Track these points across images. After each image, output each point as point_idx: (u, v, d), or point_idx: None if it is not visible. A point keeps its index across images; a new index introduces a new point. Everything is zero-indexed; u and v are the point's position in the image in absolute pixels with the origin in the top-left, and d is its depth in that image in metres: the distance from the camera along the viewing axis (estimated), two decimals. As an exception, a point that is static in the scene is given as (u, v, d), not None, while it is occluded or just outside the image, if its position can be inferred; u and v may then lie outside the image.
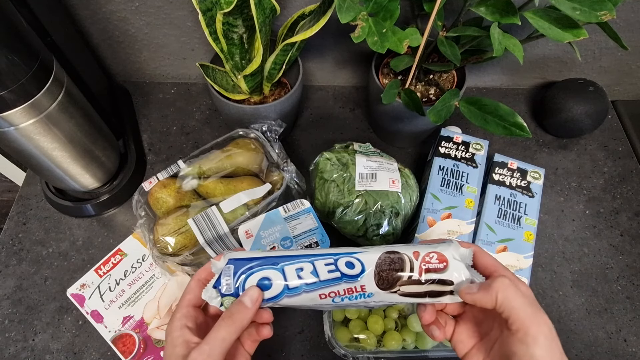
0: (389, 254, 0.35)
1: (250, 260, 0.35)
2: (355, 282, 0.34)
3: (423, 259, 0.34)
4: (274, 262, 0.35)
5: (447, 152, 0.65)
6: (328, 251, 0.36)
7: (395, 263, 0.34)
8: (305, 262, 0.35)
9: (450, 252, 0.35)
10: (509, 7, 0.48)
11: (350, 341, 0.50)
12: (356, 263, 0.34)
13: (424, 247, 0.35)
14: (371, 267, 0.34)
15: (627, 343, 0.60)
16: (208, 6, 0.55)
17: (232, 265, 0.35)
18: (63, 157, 0.57)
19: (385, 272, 0.34)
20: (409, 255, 0.35)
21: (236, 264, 0.35)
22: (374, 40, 0.51)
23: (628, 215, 0.71)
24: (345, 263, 0.35)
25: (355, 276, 0.34)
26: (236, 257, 0.35)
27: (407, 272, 0.34)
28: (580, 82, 0.74)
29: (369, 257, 0.35)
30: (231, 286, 0.34)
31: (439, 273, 0.34)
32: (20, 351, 0.57)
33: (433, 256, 0.34)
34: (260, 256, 0.36)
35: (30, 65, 0.47)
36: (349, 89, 0.84)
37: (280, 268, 0.35)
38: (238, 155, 0.60)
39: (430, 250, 0.35)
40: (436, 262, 0.34)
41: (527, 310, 0.30)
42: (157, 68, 0.80)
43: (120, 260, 0.63)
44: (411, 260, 0.34)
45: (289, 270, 0.35)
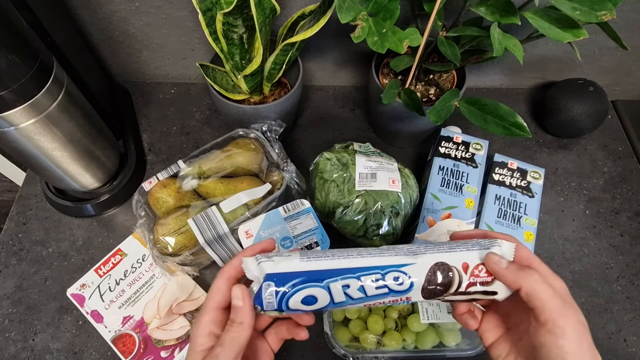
0: (438, 267, 0.34)
1: (292, 277, 0.33)
2: (402, 295, 0.34)
3: (472, 273, 0.34)
4: (318, 279, 0.34)
5: (447, 152, 0.65)
6: (374, 263, 0.34)
7: (444, 278, 0.34)
8: (351, 279, 0.34)
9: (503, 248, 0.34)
10: (509, 7, 0.48)
11: (350, 341, 0.50)
12: (404, 278, 0.34)
13: (473, 255, 0.34)
14: (420, 282, 0.34)
15: (627, 343, 0.60)
16: (208, 6, 0.55)
17: (273, 283, 0.33)
18: (63, 157, 0.57)
19: (433, 287, 0.34)
20: (458, 268, 0.34)
21: (276, 279, 0.33)
22: (374, 40, 0.51)
23: (628, 215, 0.71)
24: (393, 278, 0.34)
25: (404, 291, 0.34)
26: (275, 272, 0.33)
27: (455, 287, 0.34)
28: (580, 82, 0.74)
29: (418, 270, 0.34)
30: (273, 304, 0.33)
31: (486, 286, 0.34)
32: (20, 351, 0.57)
33: (482, 269, 0.34)
34: (302, 270, 0.34)
35: (30, 65, 0.47)
36: (349, 89, 0.84)
37: (325, 285, 0.33)
38: (238, 155, 0.60)
39: (480, 261, 0.34)
40: (484, 275, 0.34)
41: (556, 302, 0.30)
42: (157, 68, 0.80)
43: (120, 260, 0.63)
44: (460, 275, 0.34)
45: (335, 288, 0.33)
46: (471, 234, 0.37)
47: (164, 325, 0.59)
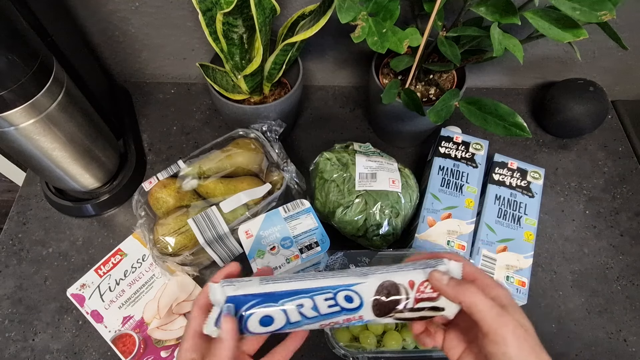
0: (386, 285, 0.36)
1: (250, 298, 0.35)
2: (354, 314, 0.36)
3: (418, 289, 0.36)
4: (275, 299, 0.35)
5: (447, 152, 0.65)
6: (327, 283, 0.36)
7: (392, 295, 0.36)
8: (305, 298, 0.35)
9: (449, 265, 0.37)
10: (509, 7, 0.48)
11: (350, 341, 0.50)
12: (355, 297, 0.36)
13: (419, 274, 0.36)
14: (369, 299, 0.36)
15: (627, 343, 0.60)
16: (208, 6, 0.55)
17: (232, 305, 0.35)
18: (63, 157, 0.57)
19: (382, 304, 0.36)
20: (405, 285, 0.36)
21: (236, 302, 0.35)
22: (374, 40, 0.51)
23: (628, 215, 0.71)
24: (344, 297, 0.36)
25: (355, 309, 0.36)
26: (236, 294, 0.35)
27: (403, 304, 0.36)
28: (580, 82, 0.74)
29: (367, 289, 0.36)
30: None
31: (432, 301, 0.36)
32: (20, 351, 0.57)
33: (427, 286, 0.36)
34: (260, 292, 0.36)
35: (30, 65, 0.47)
36: (349, 89, 0.84)
37: (280, 305, 0.35)
38: (238, 155, 0.60)
39: (425, 278, 0.36)
40: (430, 291, 0.36)
41: (493, 312, 0.31)
42: (157, 68, 0.80)
43: (120, 260, 0.63)
44: (407, 291, 0.36)
45: (290, 308, 0.35)
46: (423, 255, 0.39)
47: (164, 325, 0.59)
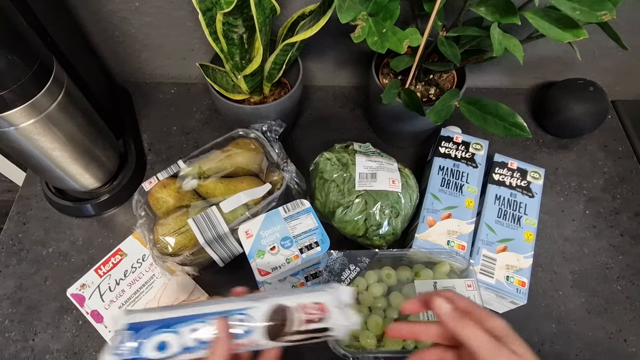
0: (276, 309, 0.38)
1: (147, 326, 0.37)
2: (246, 338, 0.37)
3: (305, 311, 0.38)
4: (170, 325, 0.37)
5: (447, 152, 0.65)
6: (221, 308, 0.38)
7: (281, 318, 0.38)
8: (199, 323, 0.37)
9: (329, 300, 0.39)
10: (509, 7, 0.48)
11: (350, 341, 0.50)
12: (247, 320, 0.38)
13: (309, 297, 0.39)
14: (262, 322, 0.37)
15: (627, 343, 0.60)
16: (208, 6, 0.55)
17: (132, 332, 0.36)
18: (63, 157, 0.57)
19: (272, 328, 0.37)
20: (295, 308, 0.38)
21: (135, 329, 0.37)
22: (374, 40, 0.51)
23: (628, 215, 0.71)
24: (238, 320, 0.37)
25: (246, 333, 0.37)
26: (135, 321, 0.37)
27: (292, 327, 0.37)
28: (580, 82, 0.74)
29: (258, 313, 0.38)
30: (132, 352, 0.36)
31: (319, 323, 0.38)
32: (20, 351, 0.57)
33: (314, 307, 0.38)
34: (158, 318, 0.37)
35: (30, 65, 0.47)
36: (349, 89, 0.84)
37: (175, 331, 0.36)
38: (238, 155, 0.60)
39: (312, 300, 0.38)
40: (317, 312, 0.38)
41: (489, 346, 0.33)
42: (157, 68, 0.80)
43: (120, 260, 0.63)
44: (296, 314, 0.38)
45: (184, 333, 0.36)
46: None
47: (164, 325, 0.59)
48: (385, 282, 0.54)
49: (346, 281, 0.52)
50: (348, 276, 0.52)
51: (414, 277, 0.54)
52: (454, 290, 0.39)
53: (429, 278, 0.53)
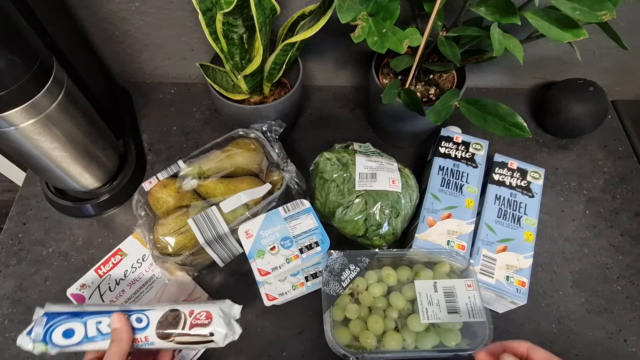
0: (171, 312, 0.45)
1: (60, 315, 0.44)
2: (141, 334, 0.44)
3: (194, 316, 0.45)
4: (80, 316, 0.44)
5: (447, 152, 0.65)
6: (125, 308, 0.45)
7: (173, 320, 0.44)
8: (104, 317, 0.44)
9: (217, 310, 0.45)
10: (509, 7, 0.48)
11: (350, 341, 0.50)
12: (144, 319, 0.44)
13: (199, 306, 0.46)
14: (155, 322, 0.44)
15: (627, 343, 0.60)
16: (208, 6, 0.55)
17: (46, 317, 0.43)
18: (63, 157, 0.57)
19: (164, 328, 0.44)
20: (185, 313, 0.45)
21: (49, 316, 0.43)
22: (374, 40, 0.51)
23: (628, 215, 0.71)
24: (136, 318, 0.44)
25: (142, 329, 0.44)
26: (51, 311, 0.44)
27: (180, 329, 0.44)
28: (580, 82, 0.74)
29: (155, 314, 0.45)
30: (40, 335, 0.42)
31: (204, 327, 0.44)
32: (20, 351, 0.57)
33: (202, 314, 0.45)
34: (71, 311, 0.44)
35: (30, 65, 0.47)
36: (349, 89, 0.84)
37: (83, 321, 0.43)
38: (238, 155, 0.60)
39: (202, 309, 0.45)
40: (203, 318, 0.45)
41: None
42: (157, 68, 0.80)
43: (120, 260, 0.63)
44: (185, 318, 0.45)
45: (90, 323, 0.43)
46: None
47: (164, 325, 0.59)
48: (385, 282, 0.54)
49: (346, 281, 0.52)
50: (348, 276, 0.52)
51: (414, 277, 0.54)
52: (529, 342, 0.40)
53: (429, 278, 0.53)
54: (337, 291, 0.51)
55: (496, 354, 0.40)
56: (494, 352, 0.41)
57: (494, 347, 0.42)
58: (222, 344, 0.45)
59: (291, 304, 0.60)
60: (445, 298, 0.50)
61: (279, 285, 0.57)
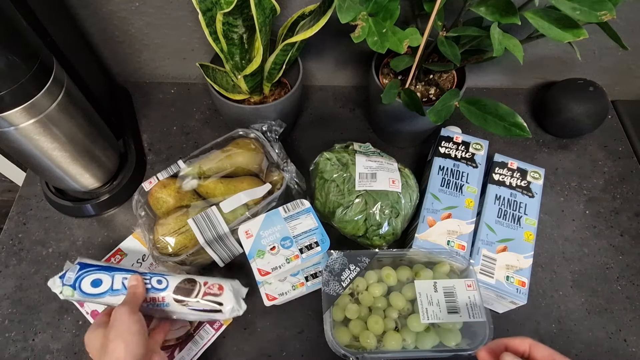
0: (187, 279, 0.51)
1: (92, 266, 0.50)
2: (159, 294, 0.50)
3: (208, 286, 0.51)
4: (109, 270, 0.50)
5: (447, 152, 0.65)
6: (149, 271, 0.51)
7: (189, 288, 0.50)
8: (130, 274, 0.49)
9: (229, 284, 0.52)
10: (509, 7, 0.48)
11: (350, 341, 0.50)
12: (164, 281, 0.50)
13: (213, 279, 0.52)
14: (173, 285, 0.50)
15: (627, 343, 0.60)
16: (208, 6, 0.55)
17: (79, 266, 0.49)
18: (63, 157, 0.57)
19: (180, 292, 0.50)
20: (201, 282, 0.51)
21: (82, 265, 0.49)
22: (374, 40, 0.51)
23: (628, 215, 0.71)
24: (157, 280, 0.50)
25: (161, 290, 0.50)
26: (84, 262, 0.50)
27: (194, 295, 0.50)
28: (580, 82, 0.74)
29: (174, 278, 0.51)
30: (71, 279, 0.48)
31: (215, 297, 0.51)
32: (20, 351, 0.57)
33: (215, 286, 0.51)
34: (101, 264, 0.50)
35: (30, 65, 0.47)
36: (349, 89, 0.84)
37: (111, 275, 0.49)
38: (238, 155, 0.60)
39: (215, 282, 0.52)
40: (216, 289, 0.51)
41: None
42: (157, 68, 0.80)
43: (120, 260, 0.63)
44: (200, 286, 0.51)
45: (117, 278, 0.49)
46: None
47: (164, 325, 0.59)
48: (385, 282, 0.54)
49: (346, 281, 0.52)
50: (348, 276, 0.52)
51: (414, 277, 0.54)
52: (531, 339, 0.40)
53: (429, 278, 0.53)
54: (337, 291, 0.51)
55: (497, 352, 0.40)
56: (496, 349, 0.41)
57: (496, 344, 0.41)
58: (228, 316, 0.51)
59: (291, 304, 0.60)
60: (445, 298, 0.50)
61: (279, 285, 0.57)
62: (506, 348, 0.40)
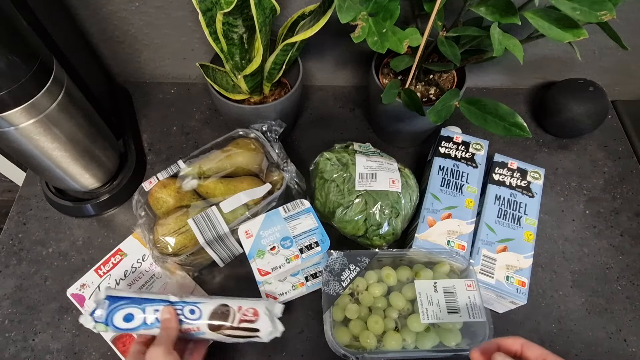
0: (222, 306, 0.48)
1: (121, 299, 0.47)
2: (194, 324, 0.47)
3: (242, 312, 0.48)
4: (139, 302, 0.47)
5: (447, 152, 0.65)
6: (183, 299, 0.48)
7: (223, 314, 0.48)
8: (161, 305, 0.47)
9: (263, 308, 0.49)
10: (509, 7, 0.48)
11: (350, 341, 0.50)
12: (197, 311, 0.48)
13: (247, 302, 0.49)
14: (207, 314, 0.48)
15: (627, 343, 0.60)
16: (208, 6, 0.55)
17: (108, 300, 0.47)
18: (63, 157, 0.57)
19: (215, 320, 0.48)
20: (234, 308, 0.49)
21: (111, 299, 0.47)
22: (374, 40, 0.51)
23: (628, 215, 0.71)
24: (189, 310, 0.48)
25: (195, 320, 0.47)
26: (113, 295, 0.47)
27: (229, 322, 0.48)
28: (580, 82, 0.74)
29: (207, 307, 0.48)
30: (103, 317, 0.46)
31: (251, 323, 0.48)
32: (20, 351, 0.57)
33: (250, 310, 0.49)
34: (130, 296, 0.48)
35: (30, 65, 0.47)
36: (349, 89, 0.84)
37: (142, 308, 0.47)
38: (238, 155, 0.60)
39: (249, 305, 0.49)
40: (251, 315, 0.48)
41: None
42: (157, 68, 0.80)
43: (121, 260, 0.63)
44: (234, 313, 0.48)
45: (149, 310, 0.47)
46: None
47: (164, 325, 0.59)
48: (385, 282, 0.54)
49: (346, 281, 0.52)
50: (348, 276, 0.52)
51: (414, 277, 0.54)
52: (523, 339, 0.40)
53: (429, 278, 0.53)
54: (337, 291, 0.51)
55: (490, 352, 0.40)
56: (488, 349, 0.41)
57: (488, 344, 0.41)
58: (267, 340, 0.49)
59: (291, 304, 0.60)
60: (445, 298, 0.50)
61: (279, 285, 0.57)
62: (499, 348, 0.40)
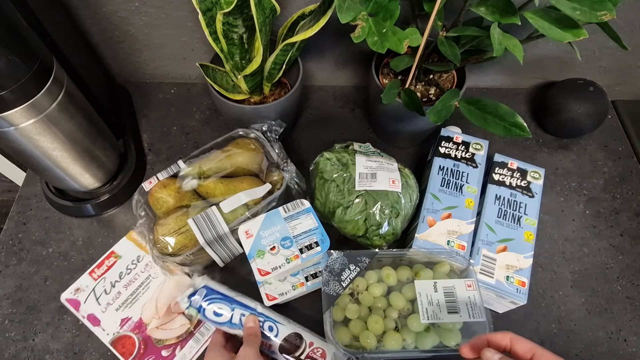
0: (296, 335, 0.51)
1: (218, 293, 0.51)
2: (269, 341, 0.50)
3: (312, 349, 0.51)
4: (231, 302, 0.51)
5: (447, 152, 0.65)
6: (265, 312, 0.52)
7: (295, 342, 0.51)
8: (248, 311, 0.51)
9: (332, 354, 0.51)
10: (509, 7, 0.48)
11: (350, 341, 0.50)
12: (275, 328, 0.51)
13: (318, 341, 0.52)
14: (283, 335, 0.51)
15: (627, 343, 0.60)
16: (208, 6, 0.55)
17: (205, 290, 0.51)
18: (63, 157, 0.57)
19: (286, 345, 0.50)
20: (307, 342, 0.51)
21: (208, 290, 0.51)
22: (374, 40, 0.51)
23: (628, 215, 0.71)
24: (268, 326, 0.51)
25: (271, 337, 0.50)
26: (211, 287, 0.52)
27: (299, 353, 0.50)
28: (580, 82, 0.74)
29: (285, 328, 0.51)
30: (198, 303, 0.50)
31: None
32: (20, 351, 0.57)
33: (319, 350, 0.51)
34: (224, 293, 0.52)
35: (30, 65, 0.47)
36: (349, 89, 0.84)
37: (232, 308, 0.50)
38: (238, 155, 0.60)
39: (320, 345, 0.51)
40: (319, 355, 0.51)
41: None
42: (157, 68, 0.80)
43: (114, 262, 0.63)
44: (305, 346, 0.51)
45: (237, 312, 0.50)
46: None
47: (164, 324, 0.59)
48: (385, 282, 0.54)
49: (346, 281, 0.52)
50: (348, 276, 0.52)
51: (414, 277, 0.54)
52: (512, 333, 0.40)
53: (429, 278, 0.53)
54: (337, 291, 0.51)
55: (479, 348, 0.40)
56: (478, 345, 0.41)
57: (478, 340, 0.41)
58: None
59: (291, 304, 0.60)
60: (445, 298, 0.50)
61: (279, 285, 0.57)
62: (488, 343, 0.40)
